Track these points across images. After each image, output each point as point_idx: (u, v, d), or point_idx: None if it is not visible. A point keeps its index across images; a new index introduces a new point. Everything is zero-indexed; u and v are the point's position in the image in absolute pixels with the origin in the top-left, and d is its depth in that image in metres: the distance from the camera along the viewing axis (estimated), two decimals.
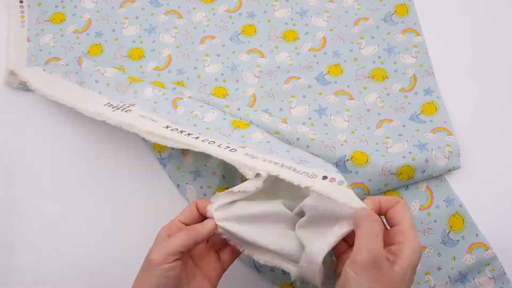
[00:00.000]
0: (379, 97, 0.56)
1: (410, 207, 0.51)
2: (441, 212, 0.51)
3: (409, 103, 0.56)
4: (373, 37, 0.59)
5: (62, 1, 0.60)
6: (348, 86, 0.57)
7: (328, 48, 0.59)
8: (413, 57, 0.58)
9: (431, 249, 0.50)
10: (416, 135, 0.54)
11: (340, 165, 0.50)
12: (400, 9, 0.61)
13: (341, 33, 0.60)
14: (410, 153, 0.51)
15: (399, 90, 0.57)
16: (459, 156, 0.53)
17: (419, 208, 0.51)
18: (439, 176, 0.53)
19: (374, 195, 0.52)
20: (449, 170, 0.52)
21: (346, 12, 0.61)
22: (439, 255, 0.50)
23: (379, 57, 0.58)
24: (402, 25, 0.60)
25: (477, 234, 0.51)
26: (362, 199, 0.51)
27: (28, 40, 0.57)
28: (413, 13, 0.61)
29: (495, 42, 0.60)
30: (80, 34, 0.58)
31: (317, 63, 0.58)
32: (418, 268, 0.50)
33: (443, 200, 0.52)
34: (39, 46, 0.57)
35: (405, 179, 0.51)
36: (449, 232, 0.51)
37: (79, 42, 0.58)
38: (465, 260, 0.50)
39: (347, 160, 0.50)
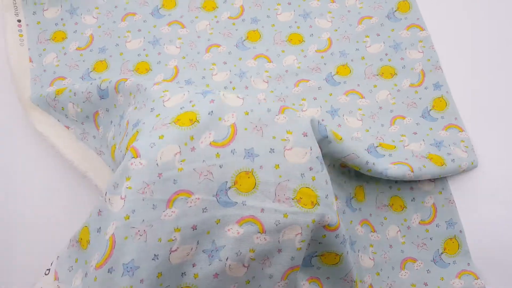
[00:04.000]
0: (390, 94, 0.57)
1: (411, 219, 0.51)
2: (439, 232, 0.51)
3: (420, 98, 0.56)
4: (378, 35, 0.60)
5: (62, 19, 0.59)
6: (358, 85, 0.57)
7: (334, 48, 0.59)
8: (419, 52, 0.59)
9: (421, 263, 0.50)
10: (430, 133, 0.54)
11: (372, 150, 0.51)
12: (402, 5, 0.61)
13: (346, 32, 0.60)
14: (429, 152, 0.52)
15: (409, 85, 0.57)
16: (473, 151, 0.53)
17: (419, 222, 0.51)
18: (448, 197, 0.52)
19: (416, 173, 0.50)
20: (472, 163, 0.52)
21: (349, 11, 0.61)
22: (428, 271, 0.50)
23: (386, 54, 0.59)
24: (405, 21, 0.60)
25: (468, 263, 0.50)
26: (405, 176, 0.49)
27: (31, 61, 0.56)
28: (415, 8, 0.61)
29: (497, 35, 0.61)
30: (83, 51, 0.57)
31: (324, 64, 0.58)
32: (405, 277, 0.49)
33: (445, 221, 0.51)
34: (43, 66, 0.56)
35: (439, 164, 0.50)
36: (442, 253, 0.50)
37: (83, 60, 0.56)
38: (453, 283, 0.49)
39: (377, 146, 0.51)
